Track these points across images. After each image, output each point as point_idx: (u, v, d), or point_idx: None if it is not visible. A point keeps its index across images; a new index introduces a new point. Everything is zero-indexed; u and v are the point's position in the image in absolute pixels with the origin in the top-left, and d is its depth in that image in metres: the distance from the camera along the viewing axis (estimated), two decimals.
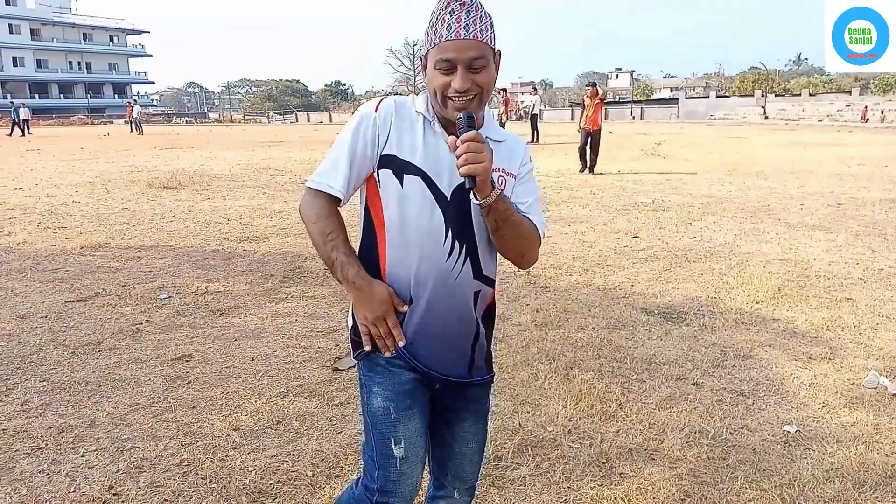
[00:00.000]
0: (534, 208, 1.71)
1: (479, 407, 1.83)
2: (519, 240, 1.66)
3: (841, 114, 42.12)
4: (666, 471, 2.84)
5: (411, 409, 1.68)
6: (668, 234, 7.68)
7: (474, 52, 1.54)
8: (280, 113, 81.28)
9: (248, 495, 2.68)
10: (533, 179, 1.77)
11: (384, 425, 1.67)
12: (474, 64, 1.54)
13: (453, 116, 1.58)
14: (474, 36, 1.54)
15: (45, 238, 7.65)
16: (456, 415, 1.80)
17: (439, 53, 1.54)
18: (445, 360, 1.71)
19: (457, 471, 1.84)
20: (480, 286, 1.72)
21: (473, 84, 1.55)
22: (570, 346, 4.21)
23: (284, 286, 5.63)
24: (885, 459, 2.92)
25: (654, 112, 57.15)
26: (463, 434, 1.80)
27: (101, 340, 4.39)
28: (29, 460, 2.94)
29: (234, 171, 15.11)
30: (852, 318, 4.72)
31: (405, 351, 1.67)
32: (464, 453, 1.82)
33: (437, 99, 1.59)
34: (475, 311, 1.73)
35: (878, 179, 12.23)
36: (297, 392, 3.61)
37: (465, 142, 1.48)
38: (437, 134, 1.64)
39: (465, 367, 1.75)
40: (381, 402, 1.67)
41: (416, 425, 1.69)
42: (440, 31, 1.54)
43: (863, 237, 7.32)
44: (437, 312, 1.66)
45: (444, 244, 1.63)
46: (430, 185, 1.61)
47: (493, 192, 1.53)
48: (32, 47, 79.52)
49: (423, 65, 1.65)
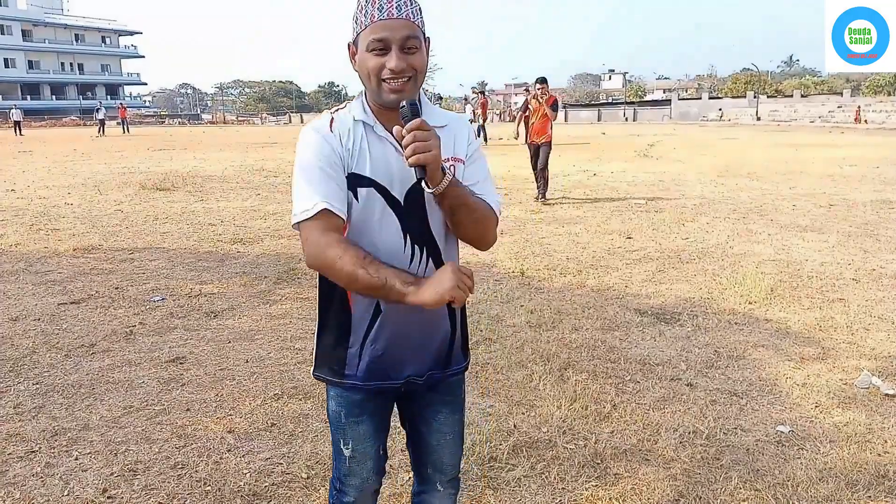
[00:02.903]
0: (486, 187, 1.66)
1: (453, 398, 1.82)
2: (476, 223, 1.62)
3: (832, 115, 42.30)
4: (660, 471, 2.85)
5: (360, 416, 1.73)
6: (661, 235, 7.70)
7: (408, 31, 1.50)
8: (273, 114, 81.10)
9: (243, 498, 2.68)
10: (481, 157, 1.73)
11: (336, 427, 1.77)
12: (408, 44, 1.50)
13: (388, 101, 1.53)
14: (406, 16, 1.51)
15: (37, 240, 7.61)
16: (430, 407, 1.79)
17: (371, 34, 1.50)
18: (420, 361, 1.70)
19: (436, 463, 1.84)
20: None
21: (408, 65, 1.51)
22: (565, 348, 4.22)
23: (278, 288, 5.63)
24: (877, 459, 2.93)
25: (646, 113, 57.32)
26: (438, 426, 1.80)
27: (94, 343, 4.37)
28: (22, 464, 2.93)
29: (228, 172, 15.08)
30: (844, 318, 4.74)
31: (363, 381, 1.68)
32: (441, 445, 1.81)
33: (371, 83, 1.54)
34: (447, 309, 1.70)
35: (870, 180, 12.30)
36: (292, 394, 3.61)
37: (410, 131, 1.43)
38: (382, 138, 1.59)
39: (442, 361, 1.74)
40: (334, 406, 1.75)
41: (365, 428, 1.75)
42: (370, 12, 1.50)
43: (855, 238, 7.36)
44: (408, 318, 1.64)
45: (405, 250, 1.59)
46: (383, 194, 1.57)
47: (444, 179, 1.48)
48: (24, 48, 79.09)
49: (351, 53, 1.60)
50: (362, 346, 1.67)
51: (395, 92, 1.51)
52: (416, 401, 1.79)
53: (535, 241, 7.41)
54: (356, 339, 1.67)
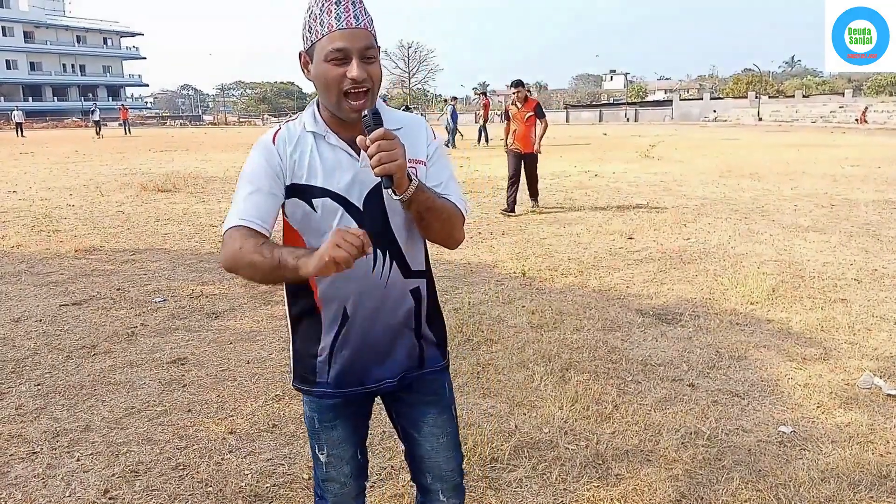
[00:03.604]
0: (450, 186, 1.65)
1: (439, 398, 1.79)
2: (444, 224, 1.61)
3: (834, 115, 42.27)
4: (662, 472, 2.85)
5: (334, 420, 1.74)
6: (662, 235, 7.70)
7: (366, 40, 1.50)
8: (274, 115, 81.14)
9: (245, 499, 2.68)
10: (443, 156, 1.71)
11: (311, 432, 1.78)
12: (367, 53, 1.50)
13: (349, 114, 1.52)
14: (364, 25, 1.51)
15: (39, 241, 7.62)
16: (417, 410, 1.77)
17: (330, 43, 1.48)
18: (390, 364, 1.70)
19: (435, 470, 1.80)
20: (416, 282, 1.70)
21: (368, 75, 1.50)
22: (566, 348, 4.22)
23: (279, 289, 5.59)
24: (879, 459, 2.93)
25: (648, 114, 57.33)
26: (429, 429, 1.77)
27: (95, 344, 4.38)
28: (24, 465, 2.93)
29: (229, 173, 15.08)
30: (846, 318, 4.74)
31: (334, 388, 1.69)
32: (436, 450, 1.78)
33: (330, 94, 1.52)
34: (416, 308, 1.71)
35: (872, 181, 12.29)
36: (293, 395, 3.61)
37: (374, 140, 1.41)
38: (334, 146, 1.58)
39: (416, 360, 1.74)
40: (308, 411, 1.77)
41: (339, 433, 1.75)
42: (328, 22, 1.49)
43: (856, 238, 7.35)
44: (375, 322, 1.65)
45: (367, 256, 1.51)
46: (340, 202, 1.57)
47: (411, 186, 1.47)
48: (26, 50, 79.23)
49: (303, 62, 1.58)
50: (331, 354, 1.67)
51: (356, 111, 1.51)
52: (399, 403, 1.79)
53: (537, 241, 7.40)
54: (325, 347, 1.67)
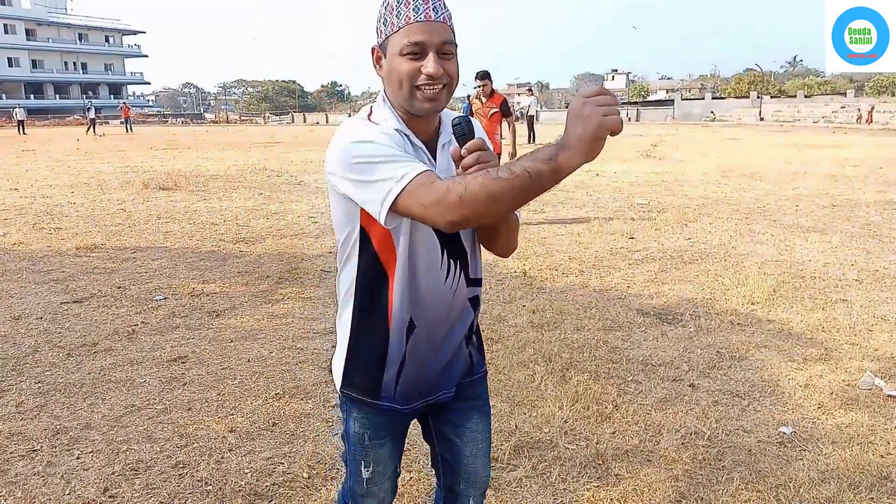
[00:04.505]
0: None
1: (482, 403, 1.78)
2: (511, 234, 1.60)
3: (836, 115, 42.22)
4: (662, 472, 2.85)
5: (384, 438, 1.69)
6: (663, 235, 7.69)
7: (445, 35, 1.41)
8: (276, 114, 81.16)
9: (244, 497, 2.68)
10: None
11: (357, 448, 1.71)
12: (444, 49, 1.41)
13: (422, 110, 1.44)
14: (444, 19, 1.42)
15: (40, 239, 7.63)
16: (461, 415, 1.74)
17: (406, 37, 1.39)
18: (451, 374, 1.67)
19: (470, 475, 1.77)
20: (475, 290, 1.67)
21: (444, 72, 1.42)
22: (567, 348, 4.21)
23: (280, 287, 5.63)
24: (880, 461, 2.92)
25: (649, 113, 57.27)
26: (471, 434, 1.74)
27: (96, 342, 4.38)
28: (24, 462, 2.93)
29: (231, 171, 15.09)
30: (847, 319, 4.73)
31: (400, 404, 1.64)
32: (475, 454, 1.76)
33: (403, 90, 1.42)
34: (474, 315, 1.69)
35: (873, 181, 12.27)
36: (293, 394, 3.61)
37: (471, 151, 1.35)
38: (417, 148, 1.49)
39: (468, 367, 1.72)
40: (357, 428, 1.69)
41: (387, 451, 1.71)
42: (405, 14, 1.39)
43: (858, 238, 7.34)
44: (439, 333, 1.61)
45: (442, 265, 1.55)
46: None
47: None
48: (28, 47, 79.24)
49: (376, 57, 1.49)
50: (401, 367, 1.60)
51: (430, 100, 1.42)
52: (446, 410, 1.73)
53: (537, 240, 7.40)
54: (394, 360, 1.60)
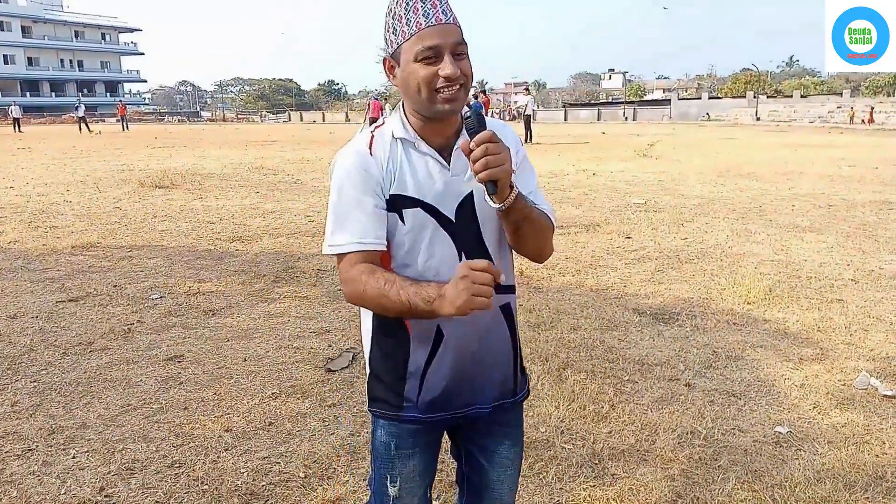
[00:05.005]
0: (538, 196, 1.57)
1: (516, 431, 1.72)
2: (539, 235, 1.54)
3: (832, 115, 42.30)
4: (658, 472, 2.85)
5: (413, 448, 1.62)
6: (660, 235, 7.70)
7: (457, 36, 1.43)
8: (273, 112, 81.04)
9: (240, 497, 2.68)
10: (530, 165, 1.65)
11: (383, 459, 1.63)
12: (458, 50, 1.42)
13: (443, 111, 1.44)
14: (454, 20, 1.44)
15: (35, 237, 7.61)
16: (492, 439, 1.67)
17: (419, 42, 1.40)
18: (487, 388, 1.60)
19: (496, 500, 1.71)
20: (507, 298, 1.60)
21: (461, 72, 1.42)
22: (563, 347, 4.22)
23: (277, 286, 5.62)
24: (875, 460, 2.93)
25: (646, 113, 57.30)
26: (501, 460, 1.68)
27: (92, 341, 4.37)
28: (19, 462, 2.93)
29: (227, 170, 15.06)
30: (843, 319, 4.74)
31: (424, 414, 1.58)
32: (502, 480, 1.69)
33: (422, 95, 1.43)
34: (508, 326, 1.62)
35: (869, 181, 12.30)
36: (290, 393, 3.61)
37: (480, 143, 1.34)
38: (424, 154, 1.50)
39: (511, 384, 1.65)
40: (384, 435, 1.62)
41: (415, 464, 1.63)
42: (415, 21, 1.40)
43: (853, 238, 7.36)
44: (469, 342, 1.55)
45: None
46: (432, 213, 1.49)
47: (511, 193, 1.40)
48: (24, 45, 79.05)
49: (388, 67, 1.49)
50: (424, 375, 1.55)
51: (450, 101, 1.42)
52: (478, 431, 1.67)
53: None
54: (417, 368, 1.55)
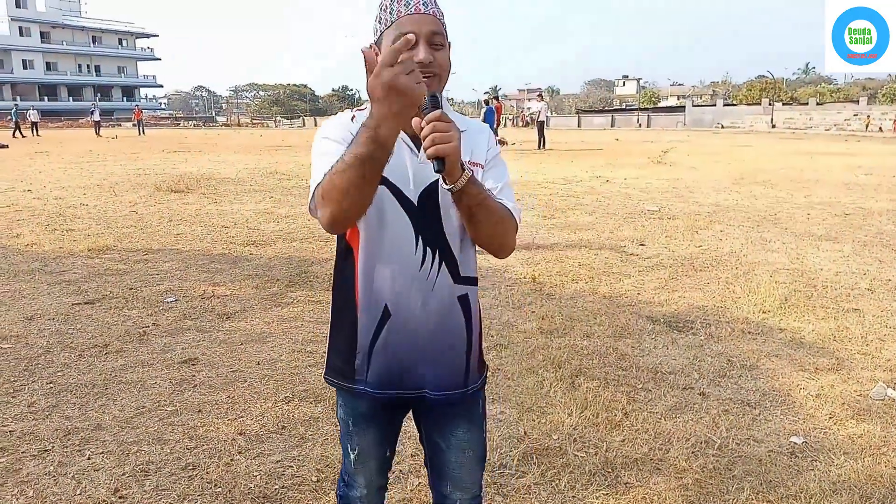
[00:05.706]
0: (506, 193, 1.63)
1: (472, 415, 1.77)
2: (496, 226, 1.56)
3: (848, 123, 41.98)
4: (671, 481, 2.83)
5: (368, 425, 1.76)
6: (674, 242, 7.67)
7: (434, 26, 1.51)
8: (287, 117, 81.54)
9: (253, 500, 2.69)
10: (502, 163, 1.71)
11: (343, 431, 1.81)
12: (434, 39, 1.51)
13: None
14: (433, 12, 1.53)
15: (52, 240, 7.68)
16: (448, 422, 1.75)
17: (397, 29, 1.49)
18: (435, 374, 1.65)
19: (456, 481, 1.78)
20: (465, 289, 1.66)
21: (434, 60, 1.51)
22: (576, 354, 4.20)
23: (290, 290, 5.65)
24: (892, 472, 2.90)
25: (660, 119, 57.17)
26: (458, 442, 1.75)
27: (107, 343, 4.40)
28: (35, 462, 2.95)
29: (242, 175, 15.16)
30: (859, 328, 4.70)
31: (373, 389, 1.66)
32: (461, 462, 1.77)
33: None
34: (465, 318, 1.67)
35: (886, 190, 12.19)
36: (303, 397, 3.62)
37: (430, 122, 1.38)
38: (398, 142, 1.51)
39: (462, 376, 1.70)
40: (342, 413, 1.79)
41: (372, 436, 1.78)
42: (397, 9, 1.51)
43: (870, 247, 7.29)
44: (418, 325, 1.61)
45: (416, 252, 1.58)
46: (395, 194, 1.56)
47: (463, 175, 1.43)
48: (42, 50, 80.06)
49: (375, 54, 1.54)
50: (370, 352, 1.64)
51: None
52: (430, 411, 1.75)
53: (547, 246, 7.39)
54: (364, 344, 1.64)
